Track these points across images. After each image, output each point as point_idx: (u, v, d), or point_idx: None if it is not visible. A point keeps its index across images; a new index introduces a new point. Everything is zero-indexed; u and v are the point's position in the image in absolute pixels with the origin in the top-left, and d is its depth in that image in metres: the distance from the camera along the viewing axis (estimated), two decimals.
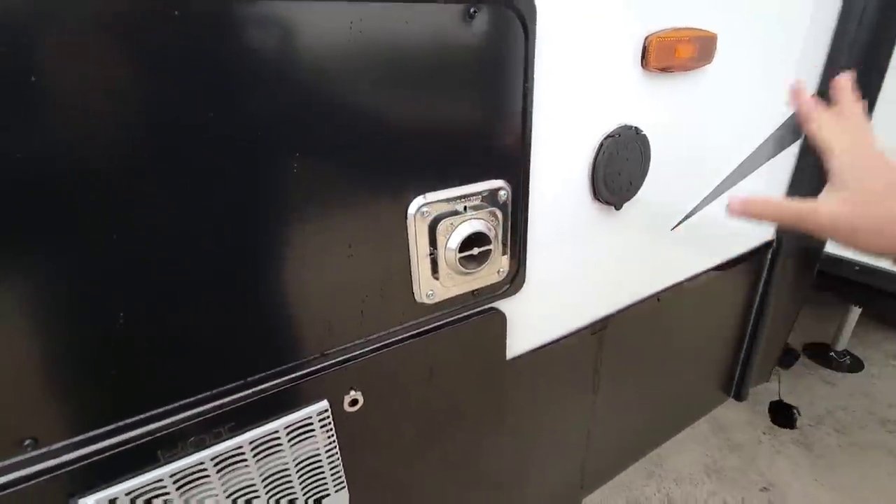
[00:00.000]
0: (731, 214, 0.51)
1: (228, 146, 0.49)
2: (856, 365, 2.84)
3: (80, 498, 0.54)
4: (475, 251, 0.69)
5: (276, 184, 0.53)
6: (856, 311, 2.77)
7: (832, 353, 2.87)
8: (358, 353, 0.68)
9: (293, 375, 0.64)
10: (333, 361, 0.67)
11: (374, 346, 0.70)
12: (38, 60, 0.39)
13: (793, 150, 1.20)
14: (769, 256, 1.33)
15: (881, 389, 2.62)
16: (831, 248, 1.31)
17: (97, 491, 0.54)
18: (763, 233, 1.29)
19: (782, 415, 2.28)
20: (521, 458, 1.03)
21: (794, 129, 1.16)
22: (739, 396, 1.52)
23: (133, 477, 0.56)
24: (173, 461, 0.58)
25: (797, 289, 1.39)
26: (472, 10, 0.59)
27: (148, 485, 0.57)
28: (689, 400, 1.48)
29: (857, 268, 1.27)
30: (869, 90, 1.15)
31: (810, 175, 1.21)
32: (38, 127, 0.40)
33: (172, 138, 0.46)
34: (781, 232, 1.30)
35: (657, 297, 1.10)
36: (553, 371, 0.98)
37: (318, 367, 0.66)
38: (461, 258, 0.68)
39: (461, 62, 0.61)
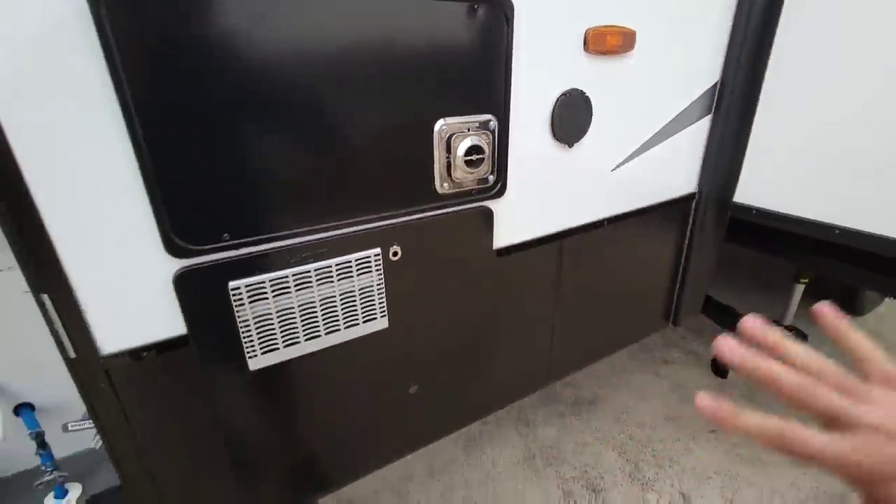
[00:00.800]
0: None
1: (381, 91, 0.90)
2: (800, 337, 3.26)
3: (240, 279, 0.93)
4: (474, 157, 1.09)
5: (376, 114, 0.95)
6: (799, 289, 3.20)
7: (780, 328, 3.29)
8: (400, 219, 1.09)
9: (362, 227, 1.04)
10: (384, 223, 1.07)
11: (410, 217, 1.10)
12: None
13: (706, 120, 1.64)
14: (693, 204, 1.75)
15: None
16: (739, 197, 1.73)
17: (250, 276, 0.93)
18: (687, 185, 1.72)
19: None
20: (502, 331, 1.42)
21: (703, 105, 1.59)
22: (676, 322, 1.93)
23: (273, 271, 0.95)
24: (293, 266, 0.97)
25: (717, 231, 1.81)
26: (475, 6, 1.00)
27: (279, 278, 0.96)
28: (636, 318, 1.89)
29: (754, 212, 1.68)
30: (759, 68, 1.58)
31: (721, 141, 1.64)
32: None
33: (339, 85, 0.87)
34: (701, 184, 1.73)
35: (605, 222, 1.51)
36: (527, 266, 1.39)
37: (375, 224, 1.06)
38: (465, 160, 1.08)
39: (468, 40, 1.02)
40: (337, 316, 1.07)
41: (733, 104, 1.61)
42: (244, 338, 0.96)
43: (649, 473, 2.20)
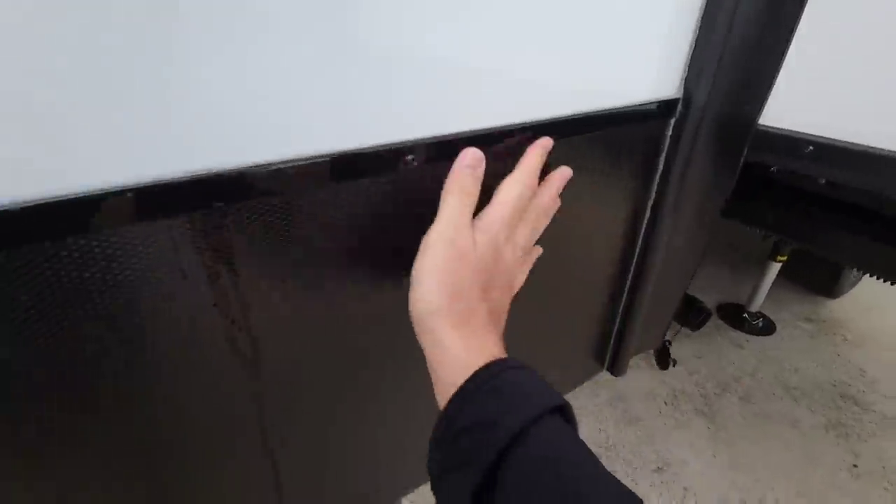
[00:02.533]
0: None
1: None
2: (768, 327, 2.68)
3: None
4: None
5: None
6: (774, 268, 2.50)
7: (745, 315, 2.68)
8: None
9: None
10: None
11: None
12: None
13: None
14: (669, 126, 0.76)
15: (789, 353, 2.52)
16: (770, 119, 0.76)
17: None
18: (655, 80, 0.72)
19: (663, 358, 2.26)
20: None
21: None
22: (615, 368, 0.99)
23: None
24: None
25: (716, 190, 0.84)
26: None
27: None
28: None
29: (810, 148, 0.72)
30: None
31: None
32: None
33: None
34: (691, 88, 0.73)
35: (407, 152, 0.51)
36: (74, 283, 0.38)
37: None
38: None
39: None
40: None
41: None
42: None
43: None
